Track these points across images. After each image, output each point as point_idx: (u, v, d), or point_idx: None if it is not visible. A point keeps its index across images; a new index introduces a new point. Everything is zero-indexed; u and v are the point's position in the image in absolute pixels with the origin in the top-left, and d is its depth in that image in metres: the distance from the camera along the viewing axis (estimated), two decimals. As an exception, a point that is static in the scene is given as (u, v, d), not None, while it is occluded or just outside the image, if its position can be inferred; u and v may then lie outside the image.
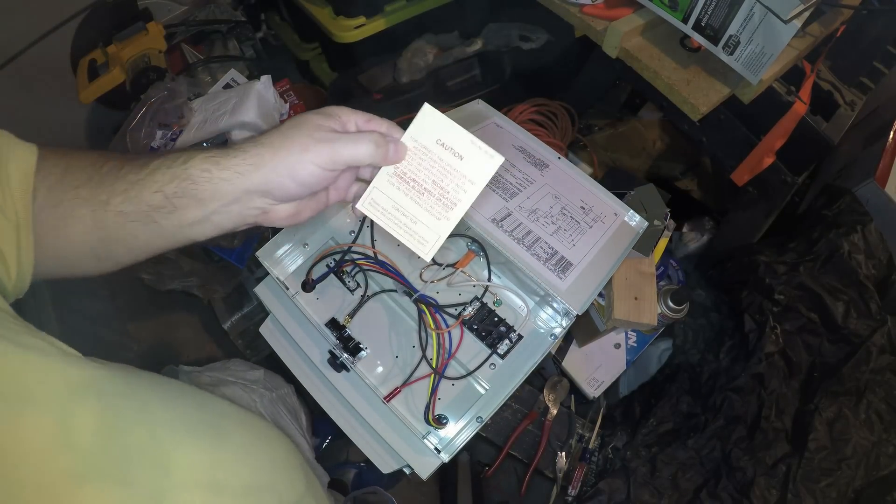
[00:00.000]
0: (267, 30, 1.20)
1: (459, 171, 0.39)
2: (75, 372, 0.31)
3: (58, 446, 0.30)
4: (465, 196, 0.39)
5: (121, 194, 0.35)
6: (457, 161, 0.39)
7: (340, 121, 0.39)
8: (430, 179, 0.39)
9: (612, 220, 0.66)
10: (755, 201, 0.83)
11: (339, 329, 0.58)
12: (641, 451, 0.69)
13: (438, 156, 0.39)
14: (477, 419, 0.54)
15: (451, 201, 0.40)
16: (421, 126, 0.39)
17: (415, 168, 0.40)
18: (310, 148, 0.36)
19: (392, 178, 0.40)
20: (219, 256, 0.90)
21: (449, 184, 0.39)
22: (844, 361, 0.64)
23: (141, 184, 0.35)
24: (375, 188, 0.40)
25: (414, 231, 0.40)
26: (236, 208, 0.37)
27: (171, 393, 0.38)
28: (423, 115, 0.39)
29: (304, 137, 0.36)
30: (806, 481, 0.58)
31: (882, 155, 0.74)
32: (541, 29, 1.02)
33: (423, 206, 0.40)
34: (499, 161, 0.38)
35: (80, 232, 0.36)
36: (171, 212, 0.36)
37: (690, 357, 0.78)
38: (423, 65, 1.03)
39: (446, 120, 0.39)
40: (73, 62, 0.91)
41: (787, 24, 0.57)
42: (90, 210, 0.36)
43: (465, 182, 0.39)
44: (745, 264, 0.77)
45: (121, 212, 0.35)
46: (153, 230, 0.36)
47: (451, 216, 0.40)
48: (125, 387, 0.35)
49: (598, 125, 1.08)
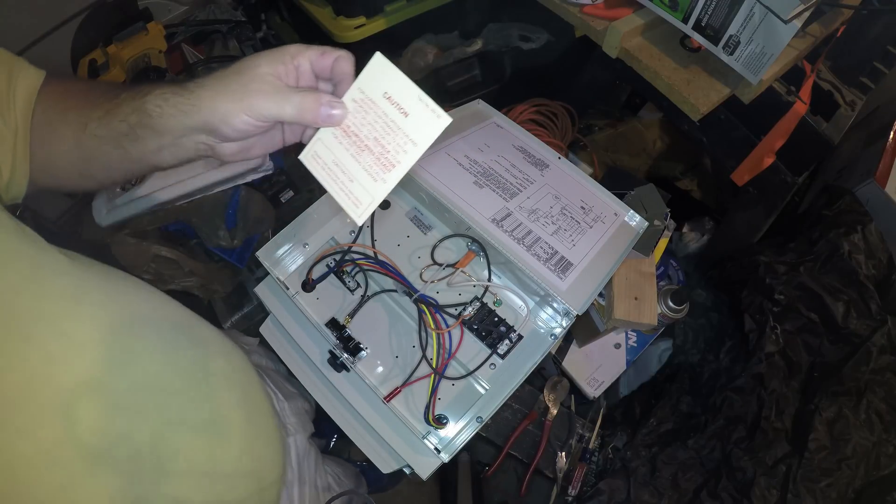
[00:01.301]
0: (267, 30, 1.20)
1: (403, 129, 0.35)
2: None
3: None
4: (405, 158, 0.35)
5: (96, 120, 0.39)
6: (401, 118, 0.35)
7: (291, 65, 0.37)
8: (371, 136, 0.36)
9: (612, 220, 0.66)
10: (755, 201, 0.83)
11: (340, 329, 0.58)
12: (641, 451, 0.69)
13: (384, 110, 0.36)
14: (477, 419, 0.54)
15: (390, 162, 0.36)
16: (370, 77, 0.36)
17: (359, 122, 0.36)
18: (242, 98, 0.36)
19: (336, 132, 0.37)
20: (219, 256, 0.90)
21: (391, 142, 0.36)
22: (844, 361, 0.64)
23: (111, 113, 0.39)
24: (319, 140, 0.38)
25: (350, 191, 0.37)
26: (186, 142, 0.38)
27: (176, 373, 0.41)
28: (374, 65, 0.36)
29: (238, 86, 0.36)
30: (806, 481, 0.58)
31: (882, 155, 0.74)
32: (541, 29, 1.02)
33: (362, 165, 0.37)
34: (445, 122, 0.34)
35: (64, 150, 0.40)
36: (134, 140, 0.38)
37: (690, 357, 0.78)
38: (424, 65, 1.03)
39: (396, 72, 0.35)
40: (73, 62, 0.91)
41: (787, 24, 0.57)
42: (73, 131, 0.40)
43: (408, 142, 0.35)
44: (745, 264, 0.77)
45: (95, 135, 0.39)
46: (122, 154, 0.39)
47: (389, 178, 0.36)
48: (130, 384, 0.37)
49: (598, 125, 1.08)
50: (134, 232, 0.83)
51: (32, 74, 0.41)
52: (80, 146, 0.40)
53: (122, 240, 0.81)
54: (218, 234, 0.87)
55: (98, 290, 0.38)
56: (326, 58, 0.37)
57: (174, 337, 0.42)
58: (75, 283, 0.37)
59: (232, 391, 0.45)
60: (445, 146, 0.66)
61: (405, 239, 0.65)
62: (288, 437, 0.56)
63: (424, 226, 0.66)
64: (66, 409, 0.33)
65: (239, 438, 0.44)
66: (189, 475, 0.39)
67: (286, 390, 0.62)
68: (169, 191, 0.83)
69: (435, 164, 0.63)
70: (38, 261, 0.35)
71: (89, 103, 0.40)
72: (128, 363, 0.37)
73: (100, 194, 0.85)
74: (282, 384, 0.63)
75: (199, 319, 0.46)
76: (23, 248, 0.34)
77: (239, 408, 0.45)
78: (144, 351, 0.39)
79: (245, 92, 0.36)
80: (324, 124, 0.37)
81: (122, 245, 0.81)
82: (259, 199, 0.90)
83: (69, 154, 0.40)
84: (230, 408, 0.44)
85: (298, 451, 0.57)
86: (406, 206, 0.67)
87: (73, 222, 0.91)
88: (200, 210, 0.86)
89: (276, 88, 0.36)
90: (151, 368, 0.39)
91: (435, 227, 0.66)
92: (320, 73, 0.39)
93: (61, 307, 0.35)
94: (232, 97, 0.36)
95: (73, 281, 0.36)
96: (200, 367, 0.42)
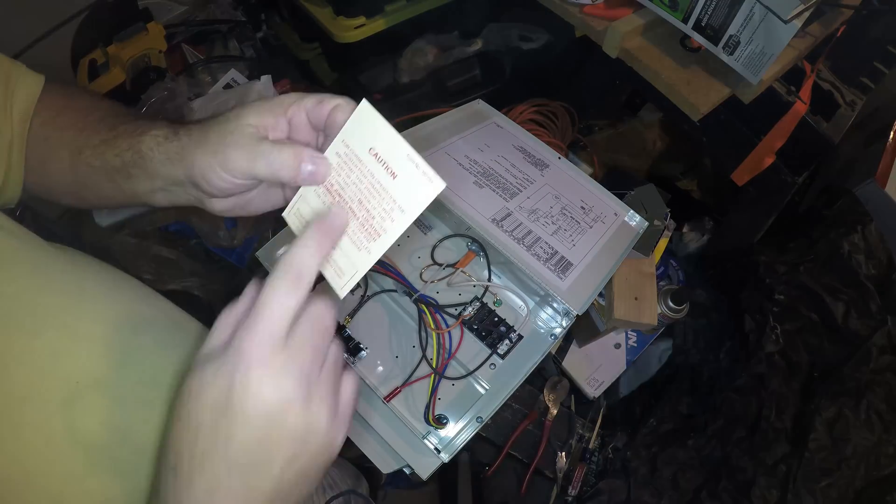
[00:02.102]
0: (267, 30, 1.20)
1: (390, 192, 0.30)
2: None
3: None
4: (391, 226, 0.30)
5: (91, 148, 0.37)
6: (388, 179, 0.30)
7: (283, 116, 0.33)
8: (356, 198, 0.31)
9: (613, 220, 0.66)
10: (755, 201, 0.83)
11: (339, 329, 0.58)
12: (641, 452, 0.69)
13: (369, 169, 0.30)
14: (477, 419, 0.54)
15: (375, 230, 0.30)
16: (355, 128, 0.31)
17: (343, 181, 0.31)
18: (217, 152, 0.32)
19: (319, 190, 0.33)
20: (219, 256, 0.90)
21: (376, 207, 0.30)
22: (844, 361, 0.64)
23: (106, 144, 0.37)
24: (301, 196, 0.33)
25: (333, 259, 0.32)
26: (177, 190, 0.36)
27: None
28: (359, 114, 0.30)
29: (217, 138, 0.33)
30: (806, 481, 0.58)
31: (882, 155, 0.74)
32: (541, 29, 1.02)
33: (346, 230, 0.32)
34: (439, 187, 0.29)
35: (59, 170, 0.39)
36: (126, 177, 0.37)
37: (690, 357, 0.78)
38: (424, 65, 1.03)
39: (384, 124, 0.29)
40: (73, 62, 0.91)
41: (787, 25, 0.57)
42: (68, 153, 0.38)
43: (395, 208, 0.30)
44: (745, 264, 0.77)
45: (89, 164, 0.37)
46: (115, 188, 0.38)
47: (374, 249, 0.31)
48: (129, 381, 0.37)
49: (598, 125, 1.08)
50: (134, 232, 0.83)
51: (31, 81, 0.39)
52: (75, 170, 0.38)
53: (122, 240, 0.82)
54: (218, 234, 0.87)
55: (97, 285, 0.38)
56: (324, 107, 0.33)
57: (171, 333, 0.42)
58: (75, 279, 0.37)
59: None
60: (445, 146, 0.66)
61: (405, 239, 0.65)
62: None
63: (424, 226, 0.66)
64: (70, 403, 0.33)
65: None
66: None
67: None
68: (169, 191, 0.83)
69: (435, 164, 0.63)
70: (38, 258, 0.35)
71: (88, 127, 0.38)
72: (130, 358, 0.37)
73: (100, 194, 0.85)
74: None
75: (188, 317, 0.46)
76: (23, 247, 0.34)
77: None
78: (145, 346, 0.39)
79: (221, 145, 0.32)
80: (303, 183, 0.32)
81: (122, 245, 0.81)
82: (259, 199, 0.90)
83: (65, 176, 0.39)
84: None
85: None
86: (406, 206, 0.67)
87: (73, 222, 0.91)
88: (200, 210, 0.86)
89: (253, 142, 0.32)
90: (152, 364, 0.39)
91: (435, 227, 0.66)
92: (318, 125, 0.34)
93: (63, 302, 0.35)
94: (208, 150, 0.33)
95: (73, 277, 0.37)
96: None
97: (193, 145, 0.33)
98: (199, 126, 0.34)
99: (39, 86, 0.40)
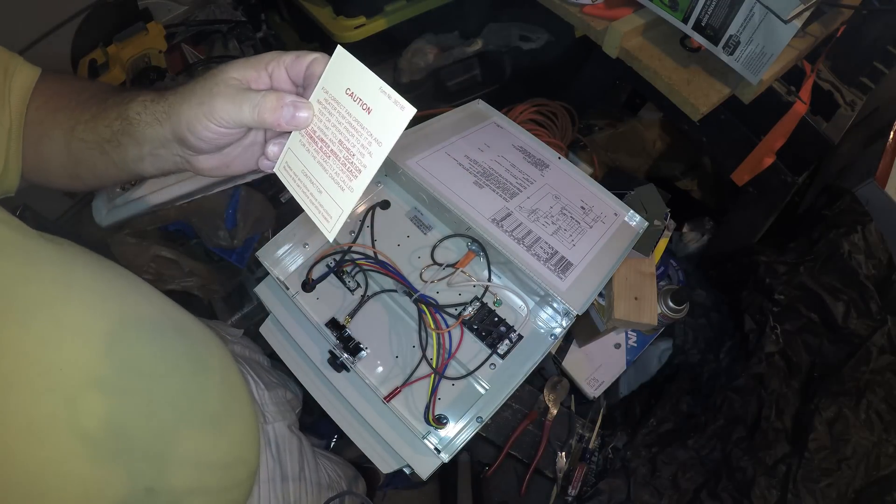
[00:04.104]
0: (267, 30, 1.20)
1: (367, 127, 0.31)
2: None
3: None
4: (370, 161, 0.31)
5: (83, 123, 0.38)
6: (364, 115, 0.31)
7: (264, 71, 0.35)
8: (336, 139, 0.32)
9: (612, 220, 0.66)
10: (755, 201, 0.83)
11: (340, 329, 0.58)
12: (641, 451, 0.69)
13: (347, 109, 0.32)
14: (477, 419, 0.54)
15: (355, 167, 0.32)
16: (333, 73, 0.32)
17: (324, 125, 0.33)
18: (203, 102, 0.34)
19: (303, 138, 0.34)
20: (219, 256, 0.90)
21: (355, 144, 0.32)
22: (844, 361, 0.64)
23: (98, 117, 0.38)
24: (289, 149, 0.35)
25: (320, 203, 0.34)
26: (164, 153, 0.37)
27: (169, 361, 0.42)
28: (336, 60, 0.32)
29: (203, 91, 0.34)
30: (806, 481, 0.58)
31: (882, 155, 0.74)
32: (541, 29, 1.02)
33: (329, 173, 0.33)
34: (409, 113, 0.30)
35: (54, 151, 0.40)
36: (116, 146, 0.38)
37: (690, 357, 0.78)
38: (424, 65, 1.03)
39: (358, 64, 0.32)
40: (73, 62, 0.91)
41: (787, 24, 0.57)
42: (62, 133, 0.39)
43: (372, 142, 0.31)
44: (745, 264, 0.77)
45: (82, 139, 0.39)
46: (107, 160, 0.39)
47: (356, 186, 0.32)
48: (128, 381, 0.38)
49: (598, 125, 1.08)
50: (134, 232, 0.83)
51: (28, 71, 0.40)
52: (69, 148, 0.39)
53: (122, 240, 0.82)
54: (218, 234, 0.87)
55: (88, 276, 0.39)
56: (301, 62, 0.34)
57: (161, 324, 0.43)
58: (65, 270, 0.37)
59: (211, 375, 0.46)
60: (446, 146, 0.66)
61: (405, 239, 0.65)
62: (266, 425, 0.56)
63: (424, 226, 0.66)
64: (56, 392, 0.34)
65: (214, 423, 0.45)
66: (186, 464, 0.41)
67: (267, 380, 0.62)
68: (169, 191, 0.83)
69: (435, 164, 0.63)
70: (28, 248, 0.36)
71: (80, 105, 0.39)
72: (120, 348, 0.38)
73: (99, 194, 0.85)
74: (263, 374, 0.63)
75: (177, 306, 0.47)
76: (15, 237, 0.35)
77: (219, 393, 0.46)
78: (135, 336, 0.39)
79: (207, 95, 0.34)
80: (288, 127, 0.34)
81: (122, 245, 0.81)
82: (259, 199, 0.90)
83: (60, 155, 0.40)
84: (214, 396, 0.45)
85: (278, 438, 0.57)
86: (406, 206, 0.67)
87: (73, 222, 0.91)
88: (200, 210, 0.86)
89: (237, 91, 0.34)
90: (142, 354, 0.39)
91: (435, 227, 0.66)
92: (298, 80, 0.36)
93: (53, 293, 0.36)
94: (193, 102, 0.34)
95: (62, 268, 0.37)
96: (185, 353, 0.43)
97: (179, 101, 0.35)
98: (184, 86, 0.36)
99: (36, 75, 0.40)
